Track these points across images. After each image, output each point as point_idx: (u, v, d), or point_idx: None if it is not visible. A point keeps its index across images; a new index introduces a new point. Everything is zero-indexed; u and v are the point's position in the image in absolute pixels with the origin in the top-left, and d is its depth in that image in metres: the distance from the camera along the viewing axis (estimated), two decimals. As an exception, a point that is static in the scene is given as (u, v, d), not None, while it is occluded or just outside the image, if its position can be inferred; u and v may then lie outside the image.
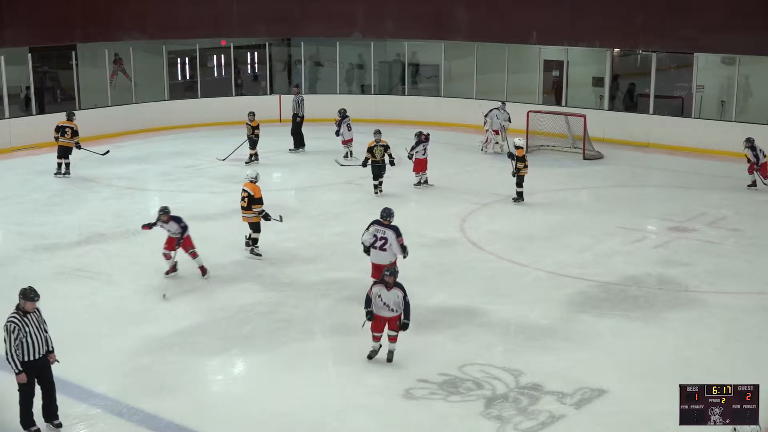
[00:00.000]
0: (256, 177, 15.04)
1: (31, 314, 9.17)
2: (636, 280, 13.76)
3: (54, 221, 16.77)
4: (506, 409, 9.68)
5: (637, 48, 26.43)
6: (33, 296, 9.17)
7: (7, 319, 9.09)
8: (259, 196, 14.77)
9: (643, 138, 24.53)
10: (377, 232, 12.68)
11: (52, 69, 28.22)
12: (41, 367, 9.27)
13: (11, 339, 9.03)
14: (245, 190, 14.85)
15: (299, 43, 29.27)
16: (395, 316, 10.74)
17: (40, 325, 9.26)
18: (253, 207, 14.78)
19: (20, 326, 9.05)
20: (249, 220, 14.97)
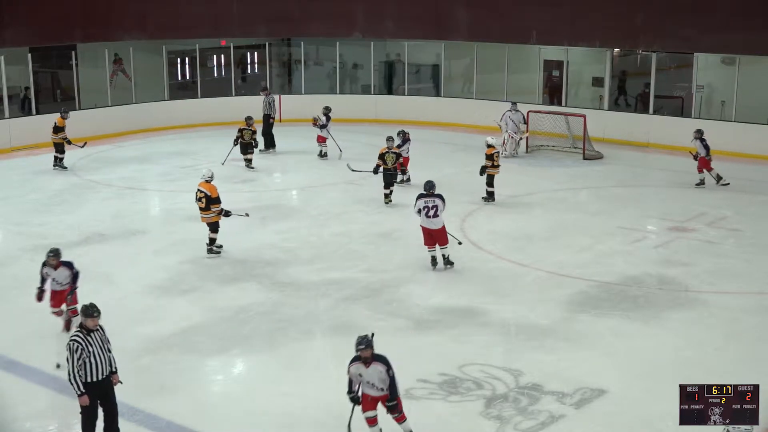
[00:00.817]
0: (212, 176, 14.94)
1: (94, 332, 8.71)
2: (636, 280, 13.75)
3: (54, 221, 16.77)
4: (506, 409, 9.68)
5: (637, 48, 26.42)
6: (93, 312, 8.73)
7: (70, 337, 8.67)
8: (216, 195, 14.67)
9: (643, 138, 24.53)
10: (427, 202, 13.93)
11: (52, 69, 28.20)
12: (104, 389, 8.81)
13: (74, 359, 8.56)
14: (201, 191, 14.71)
15: (299, 43, 29.27)
16: (385, 395, 8.99)
17: (104, 344, 8.80)
18: (211, 207, 14.69)
19: (83, 345, 8.59)
20: (207, 221, 14.85)
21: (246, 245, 15.48)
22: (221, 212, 14.79)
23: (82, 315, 8.75)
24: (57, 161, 21.28)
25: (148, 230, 16.64)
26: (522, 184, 19.97)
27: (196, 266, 14.41)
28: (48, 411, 9.76)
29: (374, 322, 12.05)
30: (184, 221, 17.07)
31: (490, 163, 18.06)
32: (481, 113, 25.64)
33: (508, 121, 22.66)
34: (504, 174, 20.54)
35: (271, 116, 23.75)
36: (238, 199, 18.63)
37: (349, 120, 26.47)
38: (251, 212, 16.13)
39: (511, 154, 22.48)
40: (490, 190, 18.28)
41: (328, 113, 22.72)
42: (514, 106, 22.98)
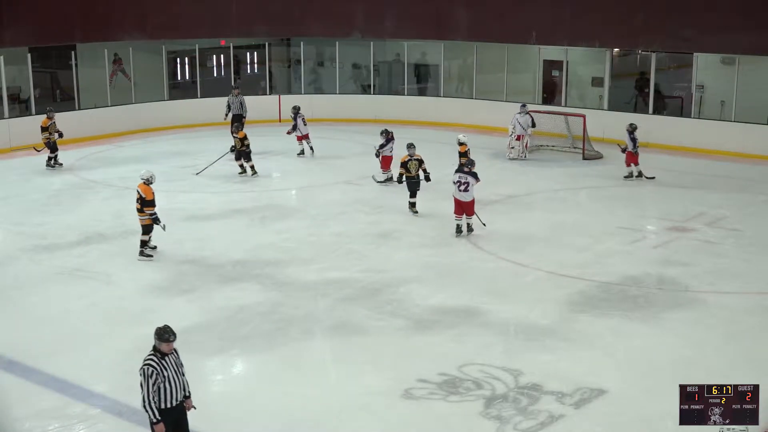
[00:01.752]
0: (150, 178, 14.79)
1: (169, 356, 8.30)
2: (636, 280, 13.75)
3: (54, 221, 16.76)
4: (506, 409, 9.67)
5: (636, 48, 26.43)
6: (168, 336, 8.25)
7: (144, 361, 8.26)
8: (151, 198, 14.56)
9: (643, 138, 24.44)
10: (461, 177, 15.95)
11: (52, 69, 28.20)
12: (178, 415, 8.43)
13: (149, 384, 8.18)
14: (138, 192, 14.64)
15: (299, 43, 29.26)
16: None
17: (178, 368, 8.41)
18: (145, 209, 14.62)
19: (158, 370, 8.20)
20: (141, 222, 14.78)
21: (245, 245, 15.49)
22: (152, 215, 14.63)
23: (156, 338, 8.27)
24: (50, 161, 21.34)
25: (147, 230, 16.63)
26: (522, 184, 19.97)
27: (195, 266, 14.41)
28: (48, 411, 9.74)
29: (374, 322, 12.11)
30: (183, 221, 17.09)
31: (465, 160, 18.14)
32: (482, 113, 25.67)
33: (516, 123, 22.54)
34: (504, 174, 20.65)
35: (243, 116, 23.70)
36: (238, 199, 18.70)
37: (349, 120, 26.49)
38: (255, 213, 16.26)
39: (518, 156, 22.41)
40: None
41: (295, 113, 22.78)
42: (523, 108, 22.81)
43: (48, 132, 21.06)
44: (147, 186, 14.65)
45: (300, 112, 22.94)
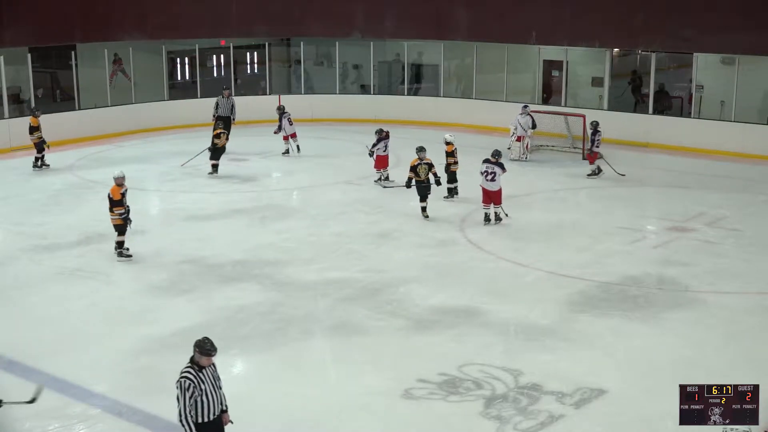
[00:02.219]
0: (120, 178, 14.76)
1: (206, 369, 8.01)
2: (635, 280, 13.75)
3: (53, 221, 16.76)
4: (506, 409, 9.68)
5: (636, 48, 26.44)
6: (210, 350, 7.95)
7: (181, 374, 7.98)
8: (118, 199, 14.56)
9: (643, 138, 24.53)
10: (488, 167, 16.61)
11: (52, 69, 28.20)
12: (215, 429, 8.18)
13: (185, 398, 7.91)
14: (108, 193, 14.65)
15: (299, 43, 29.26)
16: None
17: (215, 381, 8.12)
18: (113, 209, 14.61)
19: (195, 383, 7.91)
20: (113, 222, 14.76)
21: (246, 245, 15.49)
22: (122, 215, 14.60)
23: (196, 351, 7.97)
24: (36, 161, 21.33)
25: (147, 230, 16.63)
26: (521, 184, 19.96)
27: (195, 266, 14.41)
28: (48, 411, 9.72)
29: (374, 322, 12.11)
30: (183, 221, 17.11)
31: (452, 159, 18.46)
32: (481, 113, 25.67)
33: (517, 124, 22.48)
34: (505, 174, 20.58)
35: (231, 119, 23.74)
36: (238, 199, 18.70)
37: (349, 120, 26.50)
38: (258, 213, 16.12)
39: (518, 157, 22.33)
40: (450, 186, 18.51)
41: (281, 113, 22.90)
42: (524, 108, 22.75)
43: (38, 131, 21.02)
44: (116, 186, 14.64)
45: (286, 112, 23.01)
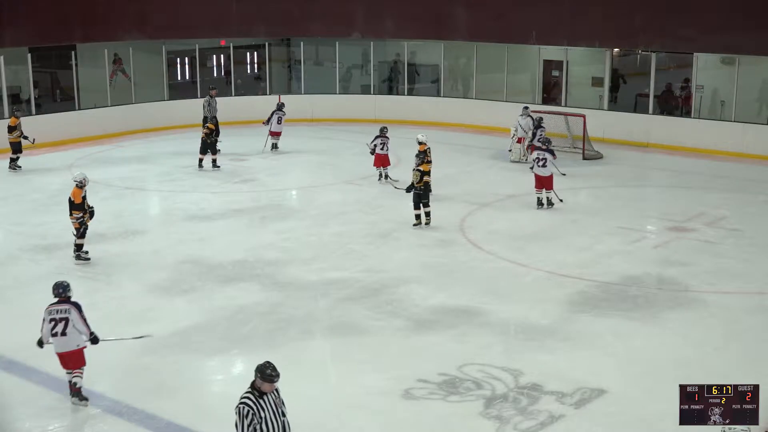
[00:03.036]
0: (81, 181, 14.63)
1: (268, 395, 7.66)
2: (635, 280, 13.75)
3: (53, 221, 16.74)
4: (506, 409, 9.68)
5: (636, 48, 26.44)
6: (273, 376, 7.62)
7: (240, 399, 7.61)
8: (79, 202, 14.47)
9: (643, 138, 24.53)
10: (539, 154, 17.73)
11: (52, 69, 28.20)
12: None
13: (243, 425, 7.51)
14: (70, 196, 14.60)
15: (299, 43, 29.26)
16: None
17: (278, 408, 7.72)
18: (73, 213, 14.52)
19: (255, 410, 7.54)
20: (74, 225, 14.67)
21: (246, 245, 15.49)
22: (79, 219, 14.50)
23: (258, 376, 7.65)
24: (12, 162, 21.29)
25: (147, 230, 16.66)
26: (521, 184, 19.93)
27: (195, 266, 14.41)
28: (47, 411, 9.74)
29: (374, 322, 12.11)
30: (183, 221, 17.11)
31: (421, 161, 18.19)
32: (481, 113, 25.68)
33: (518, 125, 22.42)
34: (504, 174, 20.64)
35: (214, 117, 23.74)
36: (238, 199, 18.70)
37: (349, 120, 26.50)
38: (258, 213, 16.11)
39: (518, 159, 22.22)
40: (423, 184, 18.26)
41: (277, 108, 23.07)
42: (525, 110, 22.64)
43: (18, 132, 20.98)
44: (77, 189, 14.55)
45: (282, 111, 23.13)
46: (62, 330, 9.69)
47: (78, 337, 9.76)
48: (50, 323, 9.75)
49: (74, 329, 9.76)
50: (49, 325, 9.75)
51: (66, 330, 9.69)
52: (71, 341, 9.74)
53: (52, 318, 9.75)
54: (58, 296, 9.86)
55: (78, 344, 9.78)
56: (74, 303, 9.85)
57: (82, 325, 9.78)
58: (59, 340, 9.73)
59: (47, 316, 9.79)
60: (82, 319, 9.79)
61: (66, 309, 9.76)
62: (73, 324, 9.75)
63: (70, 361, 9.79)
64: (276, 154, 23.16)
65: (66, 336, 9.69)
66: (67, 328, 9.70)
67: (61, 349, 9.76)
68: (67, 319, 9.70)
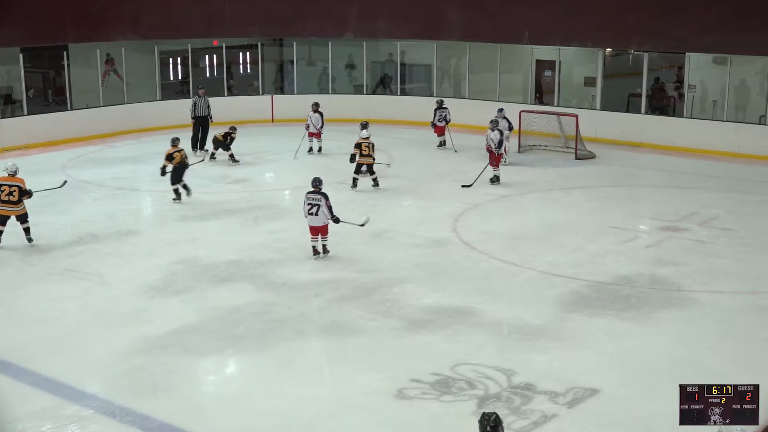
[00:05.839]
0: (17, 170, 15.52)
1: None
2: (628, 279, 13.78)
3: (46, 222, 16.69)
4: (499, 408, 9.65)
5: (629, 48, 26.46)
6: None
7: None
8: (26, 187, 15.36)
9: (636, 138, 24.57)
10: None
11: (44, 69, 28.14)
12: None
13: None
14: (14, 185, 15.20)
15: (291, 43, 29.24)
16: None
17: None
18: (23, 198, 15.26)
19: None
20: (17, 212, 15.34)
21: (239, 245, 15.48)
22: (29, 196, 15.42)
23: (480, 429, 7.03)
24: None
25: (140, 230, 16.63)
26: (514, 184, 19.98)
27: (189, 266, 14.39)
28: (41, 412, 9.72)
29: (367, 322, 12.12)
30: (176, 221, 17.09)
31: (358, 152, 19.12)
32: (474, 113, 25.67)
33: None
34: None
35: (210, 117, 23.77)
36: (231, 199, 18.69)
37: (341, 120, 26.45)
38: (251, 213, 16.16)
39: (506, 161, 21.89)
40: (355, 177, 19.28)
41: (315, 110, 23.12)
42: (500, 112, 21.90)
43: None
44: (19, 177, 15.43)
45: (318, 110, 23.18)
46: (315, 212, 14.41)
47: (325, 217, 14.42)
48: (307, 206, 14.48)
49: (323, 211, 14.36)
50: (307, 207, 14.48)
51: (318, 212, 14.37)
52: (321, 219, 14.46)
53: (308, 202, 14.48)
54: (315, 187, 14.54)
55: (324, 222, 14.50)
56: (324, 194, 14.49)
57: (327, 210, 14.39)
58: (313, 218, 14.46)
59: (306, 200, 14.54)
60: (327, 207, 14.39)
61: (318, 198, 14.42)
62: (322, 208, 14.35)
63: (320, 231, 14.58)
64: (268, 155, 23.07)
65: (317, 216, 14.41)
66: (318, 210, 14.36)
67: (314, 224, 14.52)
68: (319, 205, 14.38)
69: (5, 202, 15.19)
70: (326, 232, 14.70)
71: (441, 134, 23.88)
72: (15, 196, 15.17)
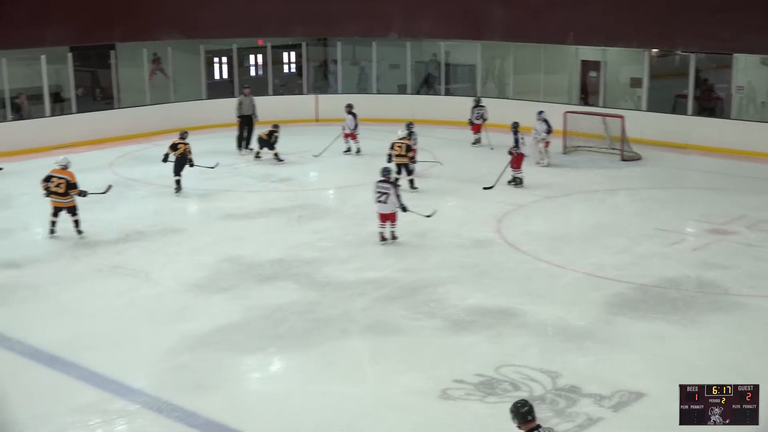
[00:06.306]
0: (68, 164, 15.98)
1: None
2: (674, 282, 13.64)
3: (93, 219, 16.88)
4: (543, 411, 9.61)
5: (674, 48, 26.20)
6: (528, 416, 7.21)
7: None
8: (75, 181, 15.83)
9: (682, 139, 24.30)
10: None
11: (92, 68, 28.48)
12: None
13: None
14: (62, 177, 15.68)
15: (335, 43, 29.33)
16: None
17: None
18: (70, 192, 15.71)
19: None
20: (65, 205, 15.82)
21: (283, 244, 15.56)
22: (80, 194, 15.94)
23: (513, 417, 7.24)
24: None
25: (186, 228, 16.77)
26: (559, 185, 19.88)
27: (233, 265, 14.49)
28: (88, 406, 9.85)
29: (410, 322, 12.11)
30: (222, 220, 17.20)
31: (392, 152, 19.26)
32: (518, 113, 25.56)
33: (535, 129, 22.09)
34: (541, 175, 20.58)
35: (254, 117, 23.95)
36: (275, 198, 18.78)
37: (385, 120, 26.50)
38: (295, 212, 16.45)
39: (536, 162, 21.66)
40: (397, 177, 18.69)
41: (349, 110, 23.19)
42: (539, 114, 22.02)
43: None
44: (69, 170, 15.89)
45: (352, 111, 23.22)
46: (384, 199, 15.19)
47: (393, 204, 15.20)
48: (377, 194, 15.26)
49: (391, 200, 15.16)
50: (376, 195, 15.27)
51: (386, 200, 15.15)
52: (389, 206, 15.23)
53: (378, 191, 15.28)
54: (384, 177, 15.38)
55: (392, 209, 15.25)
56: (393, 183, 15.49)
57: (395, 198, 15.19)
58: (382, 205, 15.25)
59: (375, 188, 15.36)
60: (396, 195, 15.22)
61: (388, 186, 15.25)
62: (391, 196, 15.15)
63: (388, 218, 15.37)
64: (313, 154, 23.16)
65: (386, 203, 15.19)
66: (388, 198, 15.14)
67: (383, 211, 15.30)
68: (387, 193, 15.17)
69: (54, 193, 15.69)
70: (395, 219, 15.43)
71: (477, 132, 24.20)
72: (62, 188, 15.60)
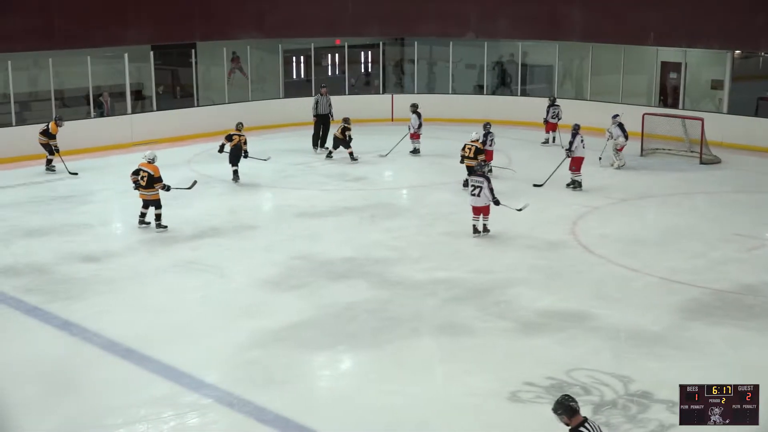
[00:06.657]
0: (154, 158, 16.57)
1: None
2: (752, 288, 13.35)
3: (170, 215, 17.18)
4: (614, 416, 9.53)
5: (757, 50, 25.63)
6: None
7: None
8: (159, 175, 16.35)
9: (765, 143, 23.74)
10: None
11: (173, 66, 29.00)
12: None
13: None
14: (144, 170, 16.25)
15: (413, 42, 29.38)
16: None
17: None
18: (155, 185, 16.25)
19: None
20: (149, 197, 16.37)
21: (355, 243, 15.65)
22: (163, 188, 16.43)
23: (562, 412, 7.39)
24: (49, 163, 21.20)
25: (260, 226, 16.97)
26: (635, 187, 19.63)
27: (306, 262, 14.62)
28: (161, 399, 10.04)
29: (481, 323, 12.09)
30: (295, 217, 17.36)
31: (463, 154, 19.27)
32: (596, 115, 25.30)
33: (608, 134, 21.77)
34: (617, 177, 20.34)
35: (330, 116, 24.05)
36: (348, 197, 18.89)
37: (461, 120, 26.46)
38: (365, 211, 16.71)
39: (611, 165, 21.47)
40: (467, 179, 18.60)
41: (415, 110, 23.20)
42: (614, 118, 21.58)
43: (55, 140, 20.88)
44: (153, 165, 16.45)
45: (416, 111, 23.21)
46: (478, 193, 15.61)
47: (486, 198, 15.62)
48: (471, 187, 15.86)
49: (484, 193, 15.57)
50: (470, 188, 15.87)
51: (480, 193, 15.58)
52: (483, 200, 15.67)
53: (472, 185, 15.78)
54: (479, 171, 15.97)
55: (485, 203, 15.70)
56: (487, 177, 15.82)
57: (489, 192, 15.58)
58: (475, 199, 15.69)
59: (470, 182, 16.21)
60: (489, 189, 15.58)
61: (481, 181, 15.63)
62: (484, 190, 15.55)
63: (481, 211, 15.81)
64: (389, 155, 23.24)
65: (479, 197, 15.62)
66: (481, 192, 15.57)
67: (476, 204, 15.74)
68: (481, 187, 15.58)
69: (140, 186, 16.30)
70: (488, 212, 15.87)
71: (550, 131, 24.33)
72: (145, 181, 16.15)
